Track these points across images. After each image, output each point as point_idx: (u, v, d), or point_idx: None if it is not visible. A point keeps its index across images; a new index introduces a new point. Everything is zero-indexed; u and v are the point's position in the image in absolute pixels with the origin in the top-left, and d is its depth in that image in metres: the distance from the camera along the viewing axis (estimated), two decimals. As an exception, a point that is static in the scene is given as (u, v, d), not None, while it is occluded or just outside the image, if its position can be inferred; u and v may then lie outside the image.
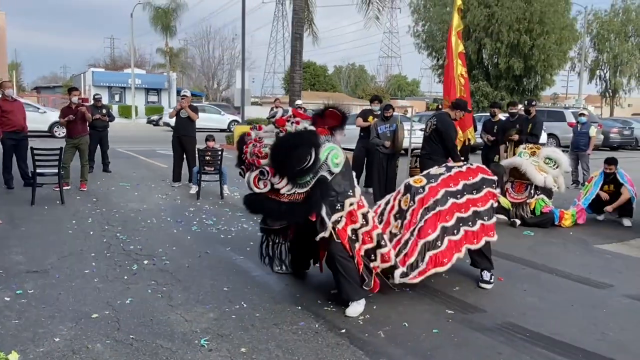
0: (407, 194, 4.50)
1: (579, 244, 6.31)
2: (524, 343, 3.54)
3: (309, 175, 3.68)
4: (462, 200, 4.45)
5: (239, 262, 5.14)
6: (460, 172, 4.60)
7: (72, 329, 3.51)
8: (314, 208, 3.75)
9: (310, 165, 3.60)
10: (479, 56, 31.44)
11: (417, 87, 71.58)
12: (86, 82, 43.02)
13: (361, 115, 9.30)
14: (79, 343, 3.32)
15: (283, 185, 3.64)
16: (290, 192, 3.68)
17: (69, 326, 3.56)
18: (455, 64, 7.20)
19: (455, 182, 4.52)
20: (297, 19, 17.81)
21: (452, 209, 4.37)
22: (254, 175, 3.70)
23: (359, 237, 3.96)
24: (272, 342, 3.43)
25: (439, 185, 4.46)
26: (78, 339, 3.38)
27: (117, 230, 6.17)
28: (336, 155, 3.81)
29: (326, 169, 3.76)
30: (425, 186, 4.46)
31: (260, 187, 3.69)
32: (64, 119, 8.68)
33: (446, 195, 4.41)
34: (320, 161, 3.70)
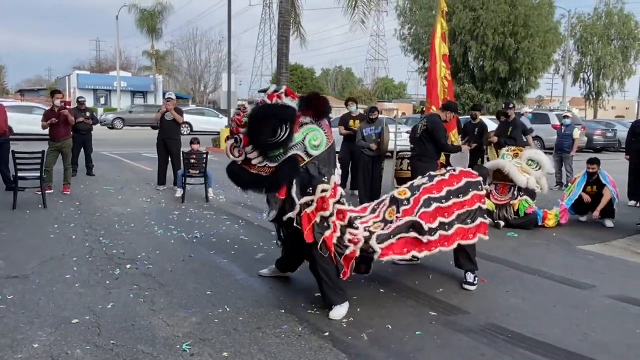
0: (392, 205, 4.46)
1: (561, 245, 6.36)
2: (506, 344, 3.55)
3: (279, 150, 3.66)
4: (447, 204, 4.45)
5: (223, 266, 5.10)
6: (443, 180, 4.60)
7: (51, 335, 3.46)
8: (278, 183, 3.75)
9: (282, 140, 3.58)
10: (464, 59, 31.63)
11: (404, 90, 71.79)
12: (71, 85, 42.64)
13: (342, 123, 9.28)
14: (58, 349, 3.28)
15: (255, 156, 3.67)
16: (261, 165, 3.69)
17: (48, 332, 3.51)
18: (438, 66, 7.24)
19: (439, 189, 4.52)
20: (283, 22, 17.78)
21: (435, 212, 4.37)
22: (230, 143, 3.74)
23: (329, 225, 3.87)
24: (255, 346, 3.41)
25: (421, 194, 4.46)
26: (57, 345, 3.33)
27: (99, 234, 6.10)
28: (315, 137, 3.78)
29: (302, 149, 3.75)
30: (410, 198, 4.44)
31: (235, 155, 3.73)
32: (46, 122, 8.58)
33: (429, 200, 4.42)
34: (296, 140, 3.70)
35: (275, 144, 3.59)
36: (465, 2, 30.14)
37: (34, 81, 73.19)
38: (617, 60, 40.93)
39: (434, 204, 4.40)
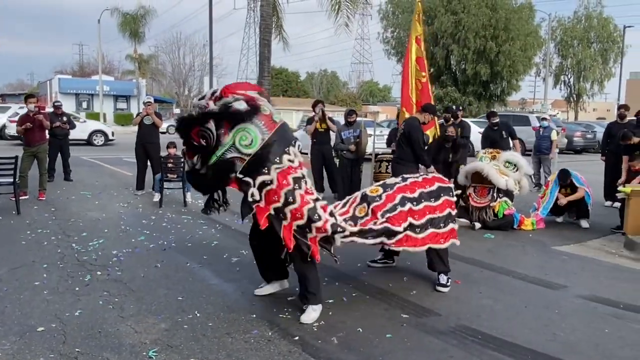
0: (363, 203, 4.41)
1: (537, 246, 6.41)
2: (476, 345, 3.56)
3: (215, 157, 3.66)
4: (419, 207, 4.43)
5: (196, 271, 5.06)
6: (417, 182, 4.60)
7: (15, 343, 3.40)
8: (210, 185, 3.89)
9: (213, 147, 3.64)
10: (447, 62, 31.90)
11: (389, 93, 72.10)
12: (53, 89, 42.10)
13: (309, 123, 9.18)
14: (22, 358, 3.21)
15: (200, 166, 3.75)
16: (202, 171, 3.76)
17: (12, 340, 3.44)
18: (412, 69, 7.27)
19: (412, 190, 4.51)
20: (264, 25, 17.75)
21: (407, 213, 4.37)
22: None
23: (286, 216, 3.77)
24: (223, 351, 3.38)
25: (395, 192, 4.44)
26: (21, 354, 3.26)
27: (72, 240, 6.02)
28: (244, 137, 3.66)
29: (237, 151, 3.66)
30: (382, 195, 4.41)
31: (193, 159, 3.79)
32: (21, 126, 8.46)
33: (404, 200, 4.40)
34: (227, 144, 3.64)
35: (208, 152, 3.66)
36: (447, 6, 30.42)
37: (15, 85, 72.34)
38: (597, 63, 41.56)
39: (407, 204, 4.39)
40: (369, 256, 5.52)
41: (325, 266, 5.24)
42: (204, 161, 3.70)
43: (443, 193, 4.60)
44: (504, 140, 8.92)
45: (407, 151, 6.61)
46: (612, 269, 5.54)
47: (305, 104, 51.30)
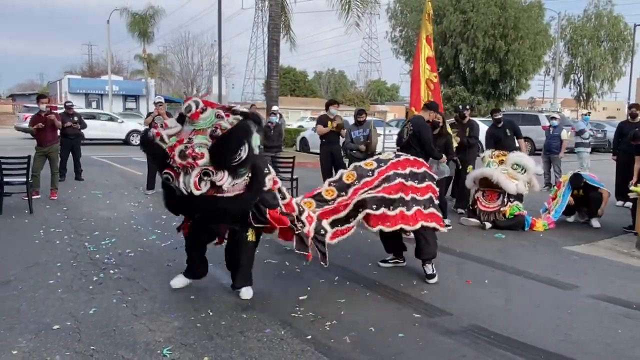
0: (353, 171, 4.71)
1: (548, 246, 6.39)
2: (488, 345, 3.56)
3: (246, 167, 3.85)
4: (408, 184, 4.65)
5: (209, 270, 5.08)
6: (408, 160, 4.85)
7: (31, 341, 3.44)
8: (255, 195, 3.97)
9: (246, 158, 3.77)
10: (455, 61, 31.75)
11: (397, 92, 71.96)
12: (62, 89, 42.42)
13: (320, 122, 9.20)
14: (38, 355, 3.25)
15: (225, 181, 3.76)
16: (230, 185, 3.80)
17: (28, 338, 3.48)
18: (423, 69, 7.26)
19: (404, 166, 4.74)
20: (273, 25, 17.82)
21: (398, 186, 4.57)
22: (195, 177, 3.71)
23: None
24: (236, 350, 3.40)
25: (388, 168, 4.68)
26: (37, 351, 3.30)
27: (85, 239, 6.08)
28: (256, 138, 3.97)
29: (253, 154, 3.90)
30: (374, 170, 4.67)
31: (201, 187, 3.74)
32: (33, 126, 8.54)
33: (395, 176, 4.62)
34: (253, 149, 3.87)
35: (241, 164, 3.77)
36: (455, 5, 30.30)
37: (25, 86, 72.79)
38: (607, 62, 41.26)
39: (398, 179, 4.62)
40: (380, 256, 5.54)
41: (336, 266, 5.28)
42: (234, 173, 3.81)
43: (427, 178, 4.82)
44: (508, 139, 8.82)
45: (417, 151, 6.59)
46: (624, 269, 5.51)
47: (313, 104, 51.39)
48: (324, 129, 8.88)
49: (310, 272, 5.06)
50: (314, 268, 5.20)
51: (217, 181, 3.73)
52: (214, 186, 3.77)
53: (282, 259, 5.46)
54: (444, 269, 5.33)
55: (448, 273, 5.18)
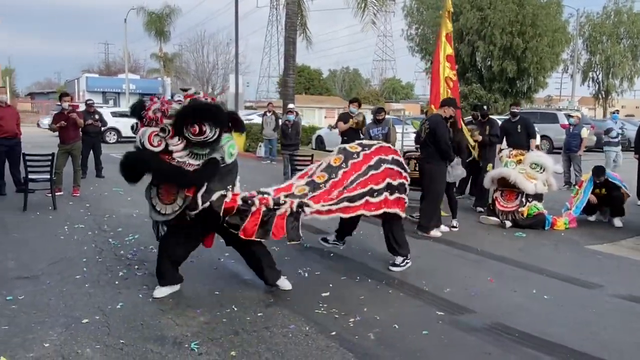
0: (340, 154, 4.76)
1: (570, 245, 6.34)
2: (512, 343, 3.56)
3: (206, 150, 3.84)
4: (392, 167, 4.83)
5: (231, 266, 5.15)
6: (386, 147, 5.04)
7: (62, 334, 3.51)
8: (197, 181, 3.88)
9: (212, 141, 3.79)
10: (472, 59, 31.54)
11: (412, 90, 71.63)
12: (80, 88, 42.98)
13: (341, 119, 9.23)
14: (69, 348, 3.33)
15: (179, 149, 3.78)
16: (182, 159, 3.80)
17: (59, 331, 3.56)
18: (442, 67, 7.24)
19: (386, 153, 4.90)
20: (290, 23, 17.87)
21: (385, 173, 4.71)
22: (151, 131, 3.76)
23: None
24: (262, 345, 3.44)
25: (372, 153, 4.78)
26: (68, 344, 3.38)
27: (109, 235, 6.17)
28: (232, 146, 4.03)
29: (220, 154, 3.92)
30: (360, 152, 4.75)
31: (154, 144, 3.77)
32: (56, 125, 8.67)
33: (379, 162, 4.73)
34: (220, 143, 3.88)
35: (203, 143, 3.78)
36: (472, 2, 30.08)
37: (43, 84, 73.81)
38: (627, 59, 40.64)
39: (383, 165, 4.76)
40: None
41: (356, 263, 5.32)
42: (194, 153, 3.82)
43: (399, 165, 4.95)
44: (519, 135, 8.71)
45: (433, 149, 6.57)
46: (649, 269, 5.46)
47: (327, 102, 51.38)
48: (344, 125, 8.93)
49: (331, 270, 5.09)
50: (335, 265, 5.25)
51: (171, 145, 3.76)
52: (167, 152, 3.79)
53: (302, 257, 5.49)
54: (466, 267, 5.34)
55: (469, 271, 5.17)
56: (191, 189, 3.87)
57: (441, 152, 6.48)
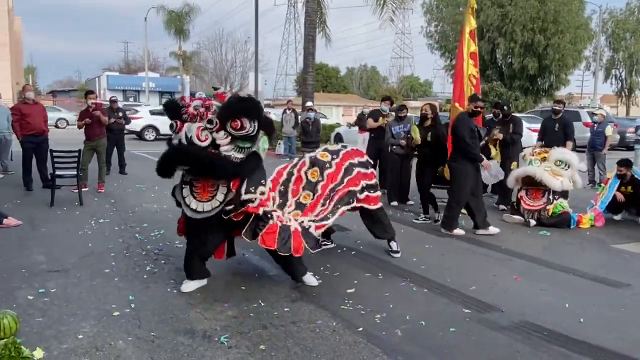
0: (314, 166, 4.85)
1: (596, 244, 6.27)
2: (542, 342, 3.54)
3: (249, 144, 3.99)
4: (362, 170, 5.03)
5: (255, 262, 5.19)
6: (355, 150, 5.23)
7: (94, 327, 3.59)
8: (242, 174, 4.00)
9: (253, 135, 3.94)
10: (492, 56, 31.20)
11: (430, 88, 71.15)
12: (101, 86, 43.55)
13: (371, 116, 9.29)
14: (102, 340, 3.39)
15: (225, 143, 3.90)
16: (228, 153, 3.92)
17: (91, 323, 3.63)
18: (466, 64, 7.18)
19: (353, 156, 5.08)
20: (309, 21, 17.90)
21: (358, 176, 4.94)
22: (197, 126, 3.87)
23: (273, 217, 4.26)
24: (291, 339, 3.47)
25: (342, 160, 4.95)
26: (100, 336, 3.44)
27: (135, 230, 6.26)
28: (265, 141, 4.24)
29: (257, 147, 4.10)
30: (331, 162, 4.89)
31: (202, 138, 3.87)
32: (81, 122, 8.81)
33: (351, 167, 4.94)
34: (259, 137, 4.05)
35: (246, 137, 3.92)
36: (493, -1, 29.75)
37: (64, 82, 74.94)
38: (651, 57, 39.87)
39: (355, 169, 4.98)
40: (422, 252, 5.56)
41: (380, 260, 5.33)
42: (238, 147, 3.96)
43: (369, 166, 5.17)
44: (555, 134, 8.63)
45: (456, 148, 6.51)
46: (678, 269, 5.37)
47: (345, 100, 51.31)
48: (374, 123, 8.97)
49: (355, 267, 5.11)
50: (358, 263, 5.26)
51: (218, 139, 3.88)
52: (214, 146, 3.91)
53: (325, 255, 5.52)
54: (491, 265, 5.31)
55: (495, 269, 5.15)
56: (237, 181, 3.99)
57: (461, 151, 6.42)
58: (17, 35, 34.17)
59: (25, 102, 8.73)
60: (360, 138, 14.95)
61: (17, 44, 33.97)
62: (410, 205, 8.31)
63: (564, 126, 8.49)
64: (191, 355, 3.22)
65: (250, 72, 25.21)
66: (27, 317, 3.68)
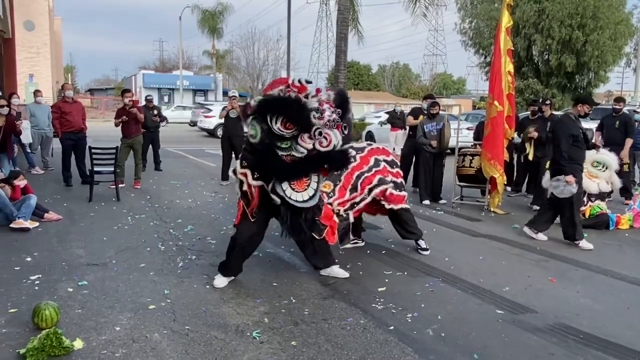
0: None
1: (635, 246, 6.09)
2: (578, 345, 3.47)
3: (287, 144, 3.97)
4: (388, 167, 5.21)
5: (287, 259, 5.23)
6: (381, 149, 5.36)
7: (131, 319, 3.68)
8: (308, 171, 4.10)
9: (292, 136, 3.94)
10: (528, 53, 30.50)
11: (463, 86, 70.17)
12: (137, 84, 44.49)
13: (412, 114, 9.27)
14: (138, 332, 3.48)
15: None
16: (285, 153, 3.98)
17: (128, 316, 3.73)
18: (503, 60, 7.06)
19: (379, 154, 5.24)
20: (341, 19, 17.81)
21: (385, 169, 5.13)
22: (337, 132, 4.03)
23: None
24: (322, 336, 3.49)
25: (367, 155, 5.15)
26: (137, 329, 3.54)
27: (169, 226, 6.39)
28: None
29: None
30: (355, 156, 5.01)
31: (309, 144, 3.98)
32: (118, 119, 9.03)
33: (377, 161, 5.15)
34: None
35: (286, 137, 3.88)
36: (529, -6, 29.08)
37: (102, 81, 76.85)
38: (695, 52, 38.26)
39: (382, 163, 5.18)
40: (454, 251, 5.51)
41: (410, 259, 5.31)
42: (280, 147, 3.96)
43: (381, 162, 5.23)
44: (615, 131, 8.50)
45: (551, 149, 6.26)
46: None
47: (376, 97, 51.03)
48: (414, 121, 8.94)
49: (386, 265, 5.10)
50: (389, 261, 5.25)
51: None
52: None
53: (356, 253, 5.52)
54: (525, 266, 5.22)
55: (529, 270, 5.06)
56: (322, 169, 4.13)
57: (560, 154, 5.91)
58: (57, 35, 35.20)
59: (65, 100, 8.99)
60: (392, 136, 14.89)
61: (57, 43, 35.00)
62: (443, 204, 8.22)
63: (625, 123, 8.44)
64: (224, 349, 3.27)
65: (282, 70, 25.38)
66: (68, 309, 3.81)
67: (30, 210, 6.21)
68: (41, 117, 10.64)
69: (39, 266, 4.77)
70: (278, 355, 3.22)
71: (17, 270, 4.65)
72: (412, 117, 9.15)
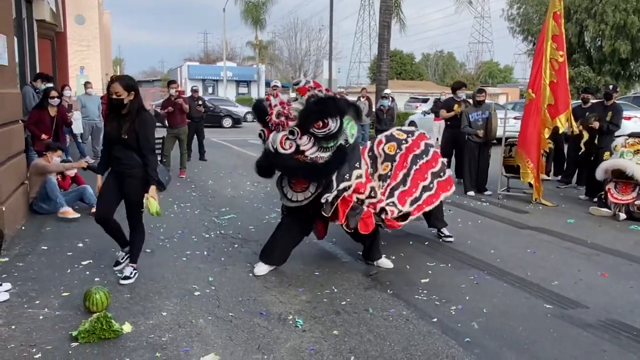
0: (390, 142, 5.01)
1: (695, 241, 5.79)
2: (631, 342, 3.32)
3: (333, 142, 3.97)
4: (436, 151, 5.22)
5: (329, 249, 5.24)
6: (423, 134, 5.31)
7: (177, 305, 3.77)
8: (331, 172, 4.07)
9: (336, 132, 3.90)
10: (579, 39, 29.33)
11: (510, 74, 68.17)
12: (182, 75, 45.34)
13: (444, 107, 8.97)
14: (184, 318, 3.56)
15: (309, 148, 3.91)
16: (314, 155, 3.93)
17: (174, 302, 3.82)
18: (547, 47, 6.77)
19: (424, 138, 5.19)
20: (385, 7, 17.63)
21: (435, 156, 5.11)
22: (281, 136, 3.93)
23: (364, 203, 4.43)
24: (364, 326, 3.48)
25: (417, 138, 5.12)
26: (183, 314, 3.62)
27: (214, 214, 6.51)
28: (353, 126, 4.17)
29: (344, 138, 4.06)
30: (407, 138, 5.05)
31: (286, 147, 3.93)
32: (164, 110, 9.23)
33: (427, 147, 5.10)
34: (343, 128, 3.99)
35: (331, 135, 3.90)
36: (582, -22, 27.91)
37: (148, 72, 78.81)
38: None
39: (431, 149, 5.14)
40: (502, 243, 5.38)
41: (456, 251, 5.22)
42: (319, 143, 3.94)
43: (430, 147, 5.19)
44: None
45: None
46: None
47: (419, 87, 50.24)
48: (447, 113, 8.69)
49: (429, 257, 5.03)
50: (433, 252, 5.17)
51: (301, 145, 3.90)
52: (299, 152, 3.94)
53: (399, 243, 5.47)
54: (575, 260, 5.04)
55: (580, 264, 4.88)
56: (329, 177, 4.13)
57: None
58: (106, 29, 36.24)
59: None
60: (435, 126, 14.65)
61: (106, 37, 36.04)
62: (488, 195, 8.03)
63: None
64: (266, 337, 3.31)
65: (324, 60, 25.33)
66: (117, 294, 3.93)
67: (94, 200, 6.41)
68: (91, 108, 10.99)
69: (90, 252, 4.94)
70: (320, 344, 3.23)
71: (69, 256, 4.83)
72: (445, 110, 8.82)
